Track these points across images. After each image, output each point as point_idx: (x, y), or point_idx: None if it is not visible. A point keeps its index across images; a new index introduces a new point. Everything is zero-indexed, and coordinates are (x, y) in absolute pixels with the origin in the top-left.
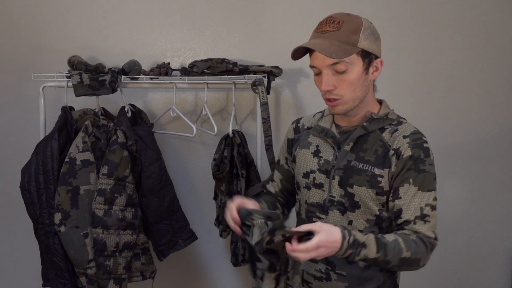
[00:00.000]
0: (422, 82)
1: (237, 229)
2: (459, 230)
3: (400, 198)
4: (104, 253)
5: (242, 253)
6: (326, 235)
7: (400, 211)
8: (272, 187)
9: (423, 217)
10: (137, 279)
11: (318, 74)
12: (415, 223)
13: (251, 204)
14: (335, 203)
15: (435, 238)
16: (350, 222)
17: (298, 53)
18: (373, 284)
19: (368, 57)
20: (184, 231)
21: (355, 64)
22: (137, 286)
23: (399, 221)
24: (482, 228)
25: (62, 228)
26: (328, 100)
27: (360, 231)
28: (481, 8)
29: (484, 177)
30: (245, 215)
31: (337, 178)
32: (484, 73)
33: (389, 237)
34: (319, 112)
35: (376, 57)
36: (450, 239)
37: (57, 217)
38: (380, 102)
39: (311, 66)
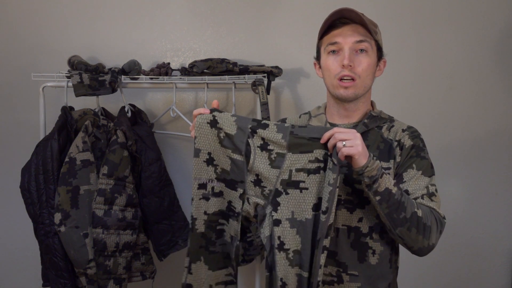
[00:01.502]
0: (422, 82)
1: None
2: (459, 230)
3: (405, 182)
4: (104, 253)
5: (242, 253)
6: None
7: (406, 192)
8: None
9: (430, 195)
10: (137, 279)
11: (334, 52)
12: (422, 198)
13: None
14: (342, 202)
15: (444, 217)
16: (361, 219)
17: (323, 27)
18: (385, 283)
19: (380, 52)
20: (184, 231)
21: (372, 51)
22: (137, 286)
23: None
24: (482, 228)
25: (62, 228)
26: (344, 78)
27: (371, 227)
28: (481, 8)
29: (484, 177)
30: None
31: (341, 176)
32: (484, 73)
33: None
34: (305, 114)
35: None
36: (450, 239)
37: (57, 217)
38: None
39: (331, 43)
